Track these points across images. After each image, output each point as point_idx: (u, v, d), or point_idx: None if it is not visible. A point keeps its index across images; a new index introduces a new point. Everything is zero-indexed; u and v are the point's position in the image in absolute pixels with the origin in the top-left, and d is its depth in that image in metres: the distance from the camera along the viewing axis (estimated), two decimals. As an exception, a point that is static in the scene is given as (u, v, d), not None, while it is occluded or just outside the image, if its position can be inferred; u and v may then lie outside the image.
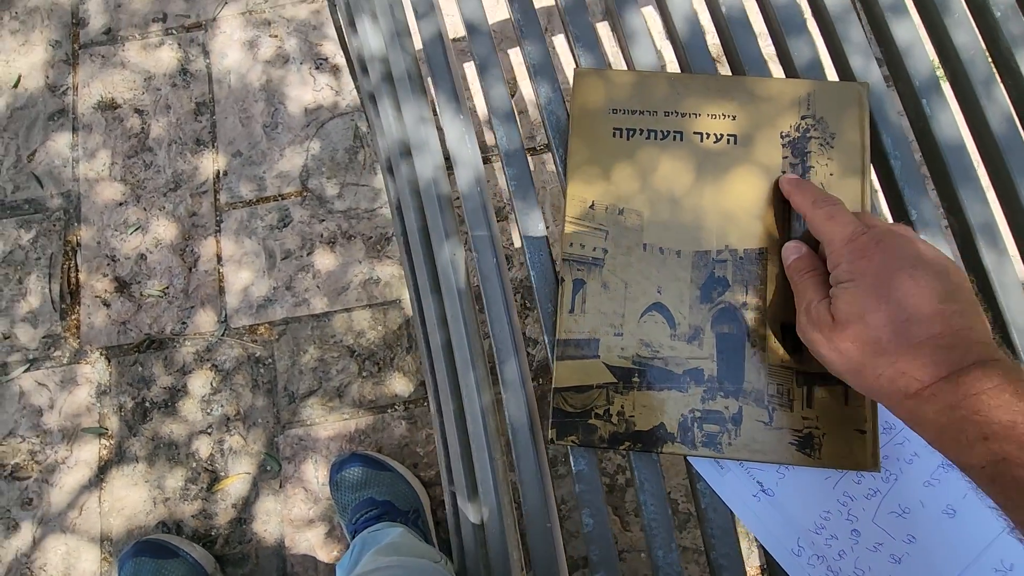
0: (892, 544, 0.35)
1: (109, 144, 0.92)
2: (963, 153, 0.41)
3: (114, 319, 0.85)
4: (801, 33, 0.43)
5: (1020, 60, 0.42)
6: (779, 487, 0.37)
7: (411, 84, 0.46)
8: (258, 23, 0.96)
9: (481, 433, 0.41)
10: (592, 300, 0.37)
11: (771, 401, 0.36)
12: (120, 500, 0.80)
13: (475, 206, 0.43)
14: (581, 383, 0.37)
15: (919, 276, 0.30)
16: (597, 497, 0.38)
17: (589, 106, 0.40)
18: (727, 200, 0.38)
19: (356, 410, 0.81)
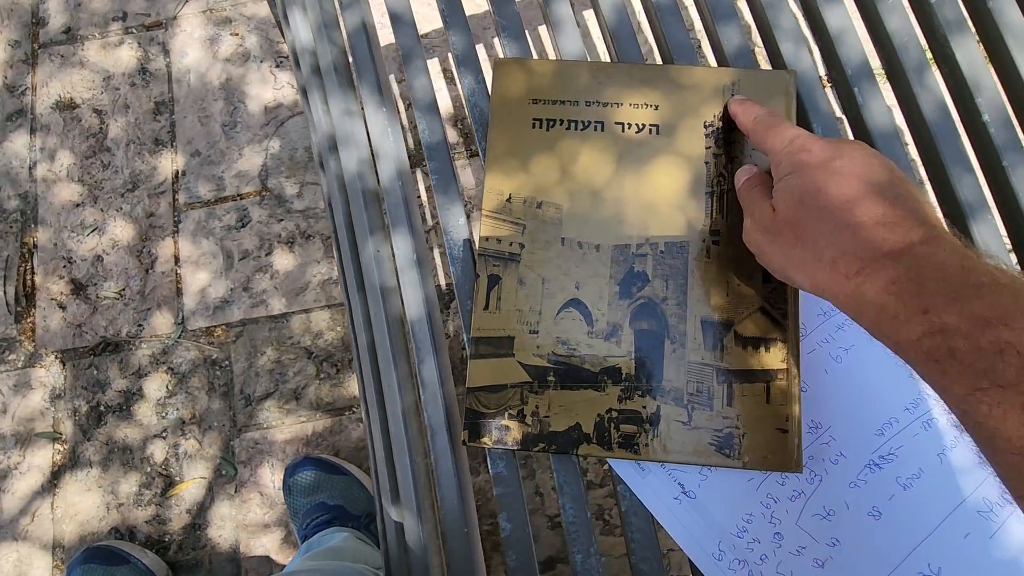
0: (816, 548, 0.34)
1: (67, 144, 0.91)
2: (896, 143, 0.40)
3: (70, 322, 0.84)
4: (731, 20, 0.41)
5: (955, 47, 0.40)
6: (701, 489, 0.35)
7: (337, 77, 0.45)
8: (218, 21, 0.94)
9: (402, 435, 0.39)
10: (508, 297, 0.36)
11: (690, 400, 0.34)
12: (73, 506, 0.78)
13: (396, 201, 0.41)
14: (495, 383, 0.35)
15: (863, 165, 0.29)
16: (516, 500, 0.36)
17: (509, 96, 0.39)
18: (648, 192, 0.37)
19: (313, 412, 0.80)
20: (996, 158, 0.39)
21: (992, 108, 0.39)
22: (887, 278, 0.26)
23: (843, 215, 0.28)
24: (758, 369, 0.34)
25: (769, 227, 0.31)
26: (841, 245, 0.27)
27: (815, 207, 0.29)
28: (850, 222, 0.27)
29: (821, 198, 0.28)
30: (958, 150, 0.39)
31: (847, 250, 0.27)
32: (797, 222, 0.29)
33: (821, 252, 0.28)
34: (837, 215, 0.28)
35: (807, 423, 0.35)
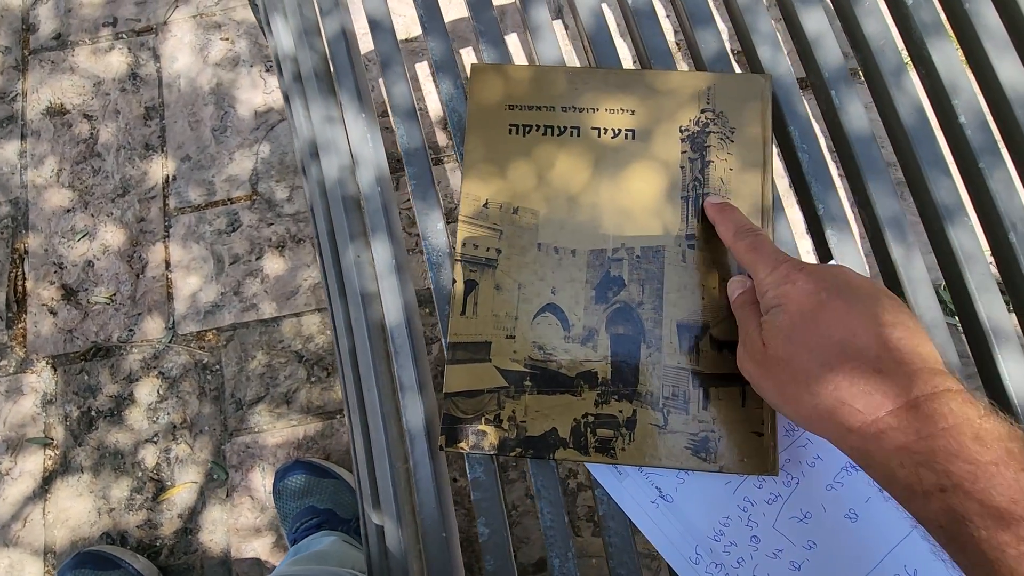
0: (792, 550, 0.34)
1: (57, 150, 0.91)
2: (872, 145, 0.40)
3: (61, 327, 0.84)
4: (708, 24, 0.42)
5: (932, 49, 0.41)
6: (678, 493, 0.35)
7: (318, 83, 0.45)
8: (208, 26, 0.95)
9: (382, 440, 0.40)
10: (484, 302, 0.36)
11: (666, 404, 0.35)
12: (64, 511, 0.79)
13: (376, 207, 0.41)
14: (472, 387, 0.35)
15: (851, 299, 0.27)
16: (494, 505, 0.37)
17: (485, 103, 0.39)
18: (624, 197, 0.37)
19: (304, 416, 0.80)
20: (973, 160, 0.39)
21: (969, 110, 0.39)
22: (895, 443, 0.24)
23: (836, 361, 0.26)
24: (734, 373, 0.35)
25: (761, 361, 0.29)
26: (838, 394, 0.26)
27: (805, 347, 0.27)
28: (845, 368, 0.26)
29: (811, 339, 0.27)
30: (935, 153, 0.39)
31: (845, 400, 0.26)
32: (789, 361, 0.28)
33: (817, 398, 0.26)
34: (830, 358, 0.26)
35: (783, 426, 0.35)
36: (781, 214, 0.39)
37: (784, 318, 0.28)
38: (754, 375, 0.30)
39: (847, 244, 0.38)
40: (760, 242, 0.32)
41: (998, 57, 0.40)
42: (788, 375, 0.28)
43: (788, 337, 0.28)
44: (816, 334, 0.27)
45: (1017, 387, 0.36)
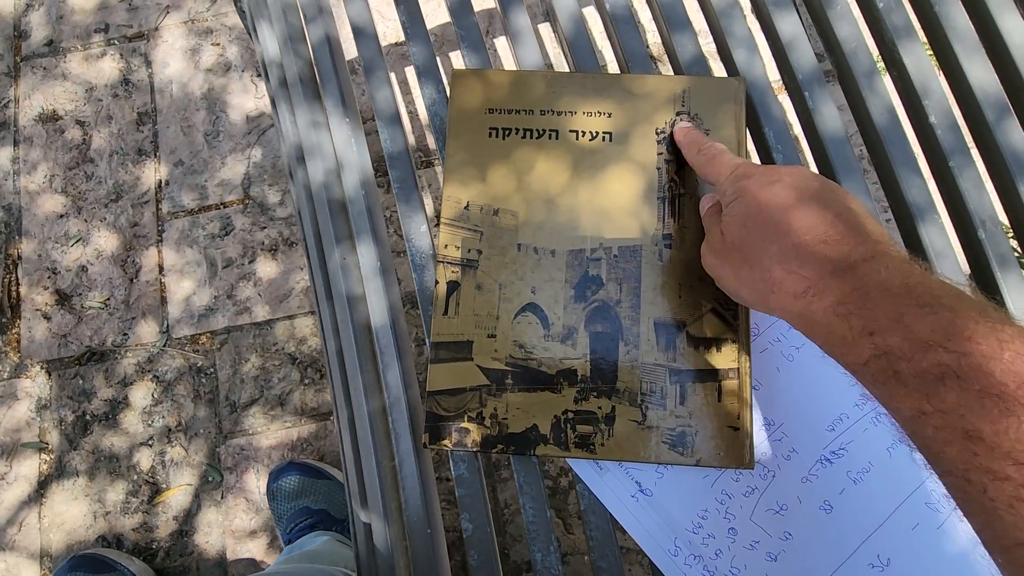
0: (769, 542, 0.35)
1: (50, 156, 0.91)
2: (845, 145, 0.41)
3: (55, 332, 0.85)
4: (685, 29, 0.42)
5: (904, 52, 0.41)
6: (657, 487, 0.36)
7: (303, 89, 0.46)
8: (200, 32, 0.95)
9: (368, 439, 0.40)
10: (466, 302, 0.37)
11: (644, 400, 0.35)
12: (60, 515, 0.79)
13: (360, 210, 0.42)
14: (454, 386, 0.36)
15: (803, 185, 0.29)
16: (477, 501, 0.37)
17: (466, 107, 0.39)
18: (602, 198, 0.38)
19: (298, 418, 0.80)
20: (943, 160, 0.40)
21: (939, 111, 0.40)
22: (833, 298, 0.26)
23: (786, 235, 0.28)
24: (710, 369, 0.35)
25: (719, 250, 0.32)
26: (786, 265, 0.28)
27: (758, 229, 0.29)
28: (793, 242, 0.28)
29: (763, 219, 0.29)
30: (906, 153, 0.40)
31: (792, 270, 0.28)
32: (743, 244, 0.30)
33: (768, 273, 0.28)
34: (780, 235, 0.28)
35: (760, 420, 0.36)
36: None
37: (740, 206, 0.31)
38: (714, 265, 0.33)
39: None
40: (718, 152, 0.35)
41: (968, 59, 0.41)
42: (742, 257, 0.30)
43: (743, 224, 0.30)
44: (768, 218, 0.29)
45: (986, 380, 0.36)
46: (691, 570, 0.35)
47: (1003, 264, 0.38)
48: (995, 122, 0.40)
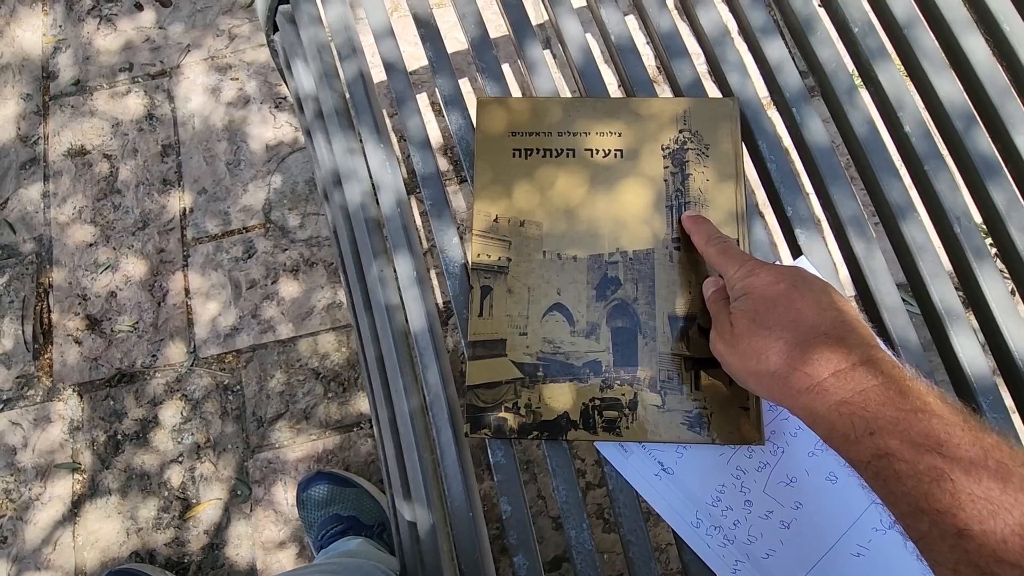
0: (781, 511, 0.39)
1: (79, 188, 0.96)
2: (832, 155, 0.45)
3: (86, 356, 0.88)
4: (683, 56, 0.47)
5: (879, 70, 0.46)
6: (678, 465, 0.40)
7: (339, 119, 0.51)
8: (220, 68, 1.01)
9: (410, 435, 0.44)
10: (499, 304, 0.41)
11: (663, 386, 0.39)
12: (94, 533, 0.82)
13: (397, 226, 0.47)
14: (491, 380, 0.40)
15: (804, 288, 0.33)
16: (515, 485, 0.41)
17: (491, 131, 0.44)
18: (617, 208, 0.42)
19: (323, 430, 0.84)
20: (920, 165, 0.45)
21: (913, 121, 0.45)
22: (835, 399, 0.29)
23: (790, 334, 0.31)
24: (720, 357, 0.39)
25: (728, 341, 0.35)
26: (791, 363, 0.31)
27: (765, 326, 0.32)
28: (798, 341, 0.31)
29: (770, 318, 0.32)
30: (886, 159, 0.45)
31: (797, 367, 0.31)
32: (751, 339, 0.33)
33: (774, 367, 0.32)
34: (785, 334, 0.32)
35: (767, 401, 0.40)
36: (757, 219, 0.44)
37: (749, 303, 0.34)
38: (723, 353, 0.35)
39: (815, 241, 0.44)
40: (728, 246, 0.38)
41: (936, 75, 0.46)
42: (751, 350, 0.33)
43: (752, 319, 0.33)
44: (774, 315, 0.32)
45: (969, 359, 0.41)
46: (712, 540, 0.39)
47: (978, 256, 0.43)
48: (964, 131, 0.45)
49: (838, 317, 0.32)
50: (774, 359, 0.32)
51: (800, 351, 0.31)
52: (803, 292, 0.33)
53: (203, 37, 1.02)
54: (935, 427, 0.26)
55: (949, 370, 0.42)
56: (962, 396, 0.41)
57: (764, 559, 0.38)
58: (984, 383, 0.40)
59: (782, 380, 0.31)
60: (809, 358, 0.30)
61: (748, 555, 0.38)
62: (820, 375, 0.30)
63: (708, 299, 0.39)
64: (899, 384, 0.28)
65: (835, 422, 0.29)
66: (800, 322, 0.32)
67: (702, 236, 0.39)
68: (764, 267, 0.35)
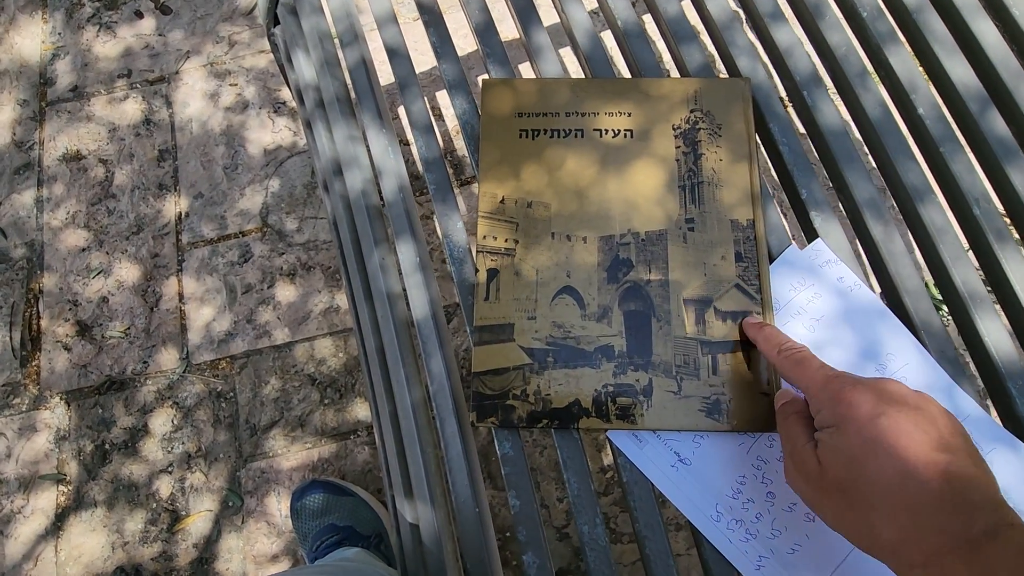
0: (806, 504, 0.36)
1: (73, 193, 0.95)
2: (845, 138, 0.44)
3: (75, 363, 0.86)
4: (691, 41, 0.47)
5: (889, 54, 0.46)
6: (696, 456, 0.38)
7: (340, 107, 0.50)
8: (219, 73, 1.00)
9: (412, 428, 0.42)
10: (505, 288, 0.39)
11: (679, 371, 0.37)
12: (77, 548, 0.78)
13: (399, 212, 0.45)
14: (498, 366, 0.38)
15: (905, 421, 0.28)
16: (523, 479, 0.39)
17: (497, 112, 0.43)
18: (627, 188, 0.41)
19: (318, 438, 0.81)
20: (935, 147, 0.44)
21: (927, 104, 0.44)
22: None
23: (897, 492, 0.26)
24: (738, 340, 0.38)
25: (817, 484, 0.29)
26: (899, 530, 0.26)
27: (865, 477, 0.27)
28: (906, 503, 0.26)
29: (871, 467, 0.27)
30: (901, 142, 0.44)
31: (906, 538, 0.26)
32: (847, 488, 0.28)
33: (878, 531, 0.27)
34: (891, 491, 0.26)
35: (788, 385, 0.38)
36: (771, 202, 0.43)
37: (842, 441, 0.28)
38: (810, 497, 0.30)
39: (831, 224, 0.42)
40: (804, 357, 0.33)
41: (948, 59, 0.45)
42: (847, 503, 0.28)
43: (847, 464, 0.28)
44: (876, 464, 0.27)
45: (995, 342, 0.39)
46: (733, 534, 0.36)
47: (1000, 238, 0.41)
48: (979, 113, 0.44)
49: (954, 464, 0.26)
50: (878, 522, 0.27)
51: (910, 516, 0.26)
52: (907, 427, 0.27)
53: (203, 44, 1.02)
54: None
55: (974, 354, 0.41)
56: (989, 382, 0.40)
57: (789, 555, 0.36)
58: (1012, 368, 0.39)
59: (889, 548, 0.27)
60: (922, 527, 0.26)
61: (772, 550, 0.36)
62: (936, 550, 0.25)
63: (779, 411, 0.34)
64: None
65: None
66: (908, 475, 0.26)
67: (772, 346, 0.35)
68: (857, 389, 0.29)
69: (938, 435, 0.27)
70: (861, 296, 0.40)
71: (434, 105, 0.96)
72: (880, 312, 0.40)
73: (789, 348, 0.34)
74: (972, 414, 0.38)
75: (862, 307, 0.40)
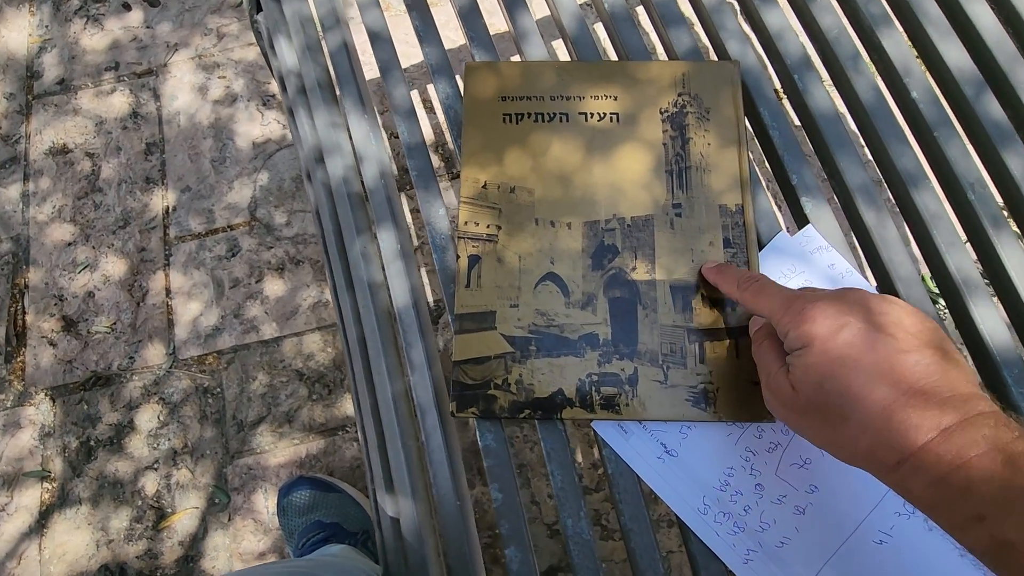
0: (795, 495, 0.36)
1: (59, 187, 0.93)
2: (838, 122, 0.43)
3: (60, 358, 0.84)
4: (680, 24, 0.46)
5: (882, 37, 0.45)
6: (683, 447, 0.37)
7: (322, 93, 0.49)
8: (207, 66, 0.99)
9: (393, 420, 0.41)
10: (487, 274, 0.38)
11: (665, 360, 0.36)
12: (62, 545, 0.77)
13: (381, 199, 0.44)
14: (480, 355, 0.37)
15: (870, 329, 0.27)
16: (506, 471, 0.38)
17: (480, 96, 0.42)
18: (613, 173, 0.40)
19: (306, 434, 0.80)
20: (928, 131, 0.43)
21: (920, 87, 0.43)
22: (930, 477, 0.24)
23: (868, 400, 0.26)
24: (726, 327, 0.37)
25: (793, 407, 0.29)
26: (873, 434, 0.26)
27: (837, 391, 0.27)
28: (877, 408, 0.26)
29: (841, 381, 0.27)
30: (894, 126, 0.43)
31: (880, 440, 0.26)
32: (821, 405, 0.28)
33: (855, 440, 0.27)
34: (862, 400, 0.26)
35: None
36: (760, 188, 0.42)
37: (811, 360, 0.28)
38: (788, 420, 0.30)
39: (822, 210, 0.41)
40: (764, 285, 0.33)
41: (942, 41, 0.44)
42: (824, 419, 0.28)
43: (819, 384, 0.28)
44: (846, 376, 0.27)
45: (990, 331, 0.38)
46: (721, 527, 0.35)
47: (995, 224, 0.40)
48: (974, 97, 0.43)
49: (923, 362, 0.26)
50: (853, 432, 0.27)
51: (883, 420, 0.26)
52: (876, 336, 0.27)
53: (191, 36, 1.01)
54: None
55: (969, 343, 0.40)
56: (985, 371, 0.39)
57: (778, 548, 0.35)
58: (1008, 356, 0.38)
59: (866, 454, 0.27)
60: (895, 428, 0.25)
61: (760, 544, 0.35)
62: (909, 447, 0.25)
63: (753, 339, 0.34)
64: (1007, 450, 0.23)
65: (936, 503, 0.25)
66: (878, 380, 0.26)
67: (731, 282, 0.35)
68: (818, 306, 0.29)
69: (904, 336, 0.27)
70: (852, 282, 0.39)
71: (426, 98, 0.95)
72: (872, 299, 0.39)
73: (748, 279, 0.34)
74: (966, 403, 0.36)
75: (854, 294, 0.39)
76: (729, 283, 0.35)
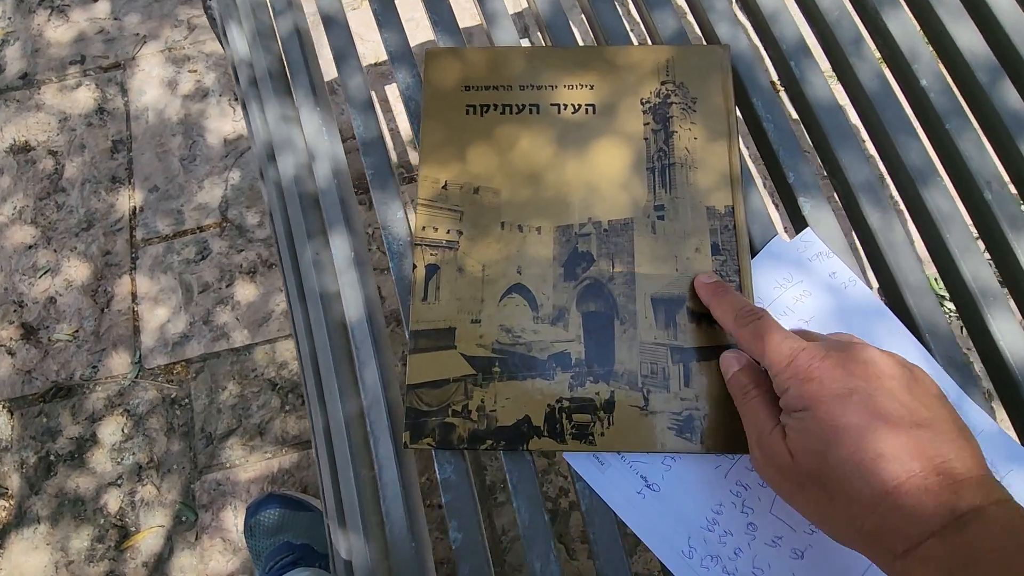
0: (793, 537, 0.31)
1: (20, 187, 0.89)
2: (839, 113, 0.39)
3: (19, 368, 0.80)
4: (665, 5, 0.41)
5: (887, 19, 0.41)
6: (665, 481, 0.33)
7: (273, 83, 0.44)
8: (177, 59, 0.95)
9: (345, 447, 0.37)
10: (447, 286, 0.34)
11: (645, 382, 0.32)
12: (18, 567, 0.73)
13: (333, 200, 0.40)
14: (437, 377, 0.33)
15: (879, 398, 0.25)
16: (467, 506, 0.33)
17: (441, 85, 0.38)
18: (588, 171, 0.36)
19: (279, 447, 0.76)
20: (940, 123, 0.38)
21: (930, 74, 0.39)
22: (941, 567, 0.23)
23: (877, 476, 0.24)
24: (715, 345, 0.32)
25: (789, 475, 0.27)
26: (880, 516, 0.24)
27: (839, 461, 0.25)
28: (887, 486, 0.24)
29: (846, 454, 0.25)
30: (901, 117, 0.39)
31: (888, 523, 0.24)
32: (822, 477, 0.25)
33: (858, 519, 0.25)
34: (870, 476, 0.24)
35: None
36: (752, 186, 0.37)
37: (813, 426, 0.26)
38: (781, 488, 0.28)
39: (822, 211, 0.37)
40: (767, 328, 0.29)
41: (954, 24, 0.40)
42: (825, 494, 0.25)
43: (822, 453, 0.25)
44: (852, 450, 0.25)
45: (1010, 346, 0.34)
46: (708, 572, 0.31)
47: (1014, 226, 0.36)
48: (989, 84, 0.39)
49: (935, 438, 0.24)
50: (857, 511, 0.24)
51: (890, 502, 0.24)
52: (881, 402, 0.25)
53: (160, 28, 0.96)
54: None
55: (985, 358, 0.36)
56: (1003, 388, 0.34)
57: (774, 596, 0.31)
58: (1031, 374, 0.33)
59: (871, 537, 0.24)
60: (901, 512, 0.23)
61: (754, 591, 0.31)
62: (919, 537, 0.23)
63: (729, 384, 0.31)
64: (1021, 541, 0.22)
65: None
66: (885, 457, 0.24)
67: (727, 311, 0.31)
68: (824, 365, 0.26)
69: (917, 408, 0.25)
70: (856, 293, 0.35)
71: (391, 96, 0.90)
72: (878, 311, 0.35)
73: (748, 314, 0.30)
74: (986, 429, 0.32)
75: (858, 305, 0.35)
76: (725, 312, 0.31)
